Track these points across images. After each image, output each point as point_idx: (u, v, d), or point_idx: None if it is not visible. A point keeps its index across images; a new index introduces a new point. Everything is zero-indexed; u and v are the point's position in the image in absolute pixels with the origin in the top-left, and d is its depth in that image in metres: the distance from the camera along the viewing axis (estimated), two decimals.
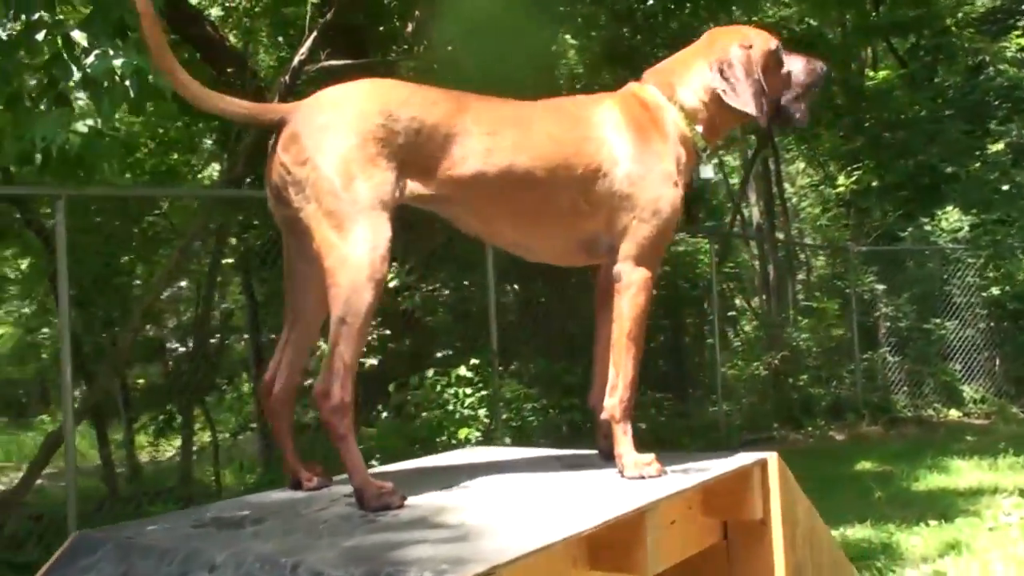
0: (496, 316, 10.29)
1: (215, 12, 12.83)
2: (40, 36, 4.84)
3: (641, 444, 2.77)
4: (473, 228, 2.83)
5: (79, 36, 4.81)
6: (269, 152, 2.57)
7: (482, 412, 10.67)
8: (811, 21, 15.78)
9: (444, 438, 9.69)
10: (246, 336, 12.75)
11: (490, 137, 2.64)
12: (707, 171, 3.57)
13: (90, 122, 4.90)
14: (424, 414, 10.18)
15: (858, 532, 6.44)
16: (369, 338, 11.74)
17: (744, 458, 2.90)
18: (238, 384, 13.63)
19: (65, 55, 4.81)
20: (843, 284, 14.42)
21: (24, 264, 10.91)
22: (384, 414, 11.04)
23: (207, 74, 10.67)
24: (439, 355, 11.17)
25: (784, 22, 14.87)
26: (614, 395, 2.76)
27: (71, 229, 10.85)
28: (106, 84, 4.70)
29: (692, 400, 11.97)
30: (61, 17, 5.17)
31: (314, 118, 2.50)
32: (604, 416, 2.78)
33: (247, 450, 12.35)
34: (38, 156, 4.75)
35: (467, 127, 2.62)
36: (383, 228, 2.43)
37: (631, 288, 2.78)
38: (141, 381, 13.46)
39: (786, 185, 19.70)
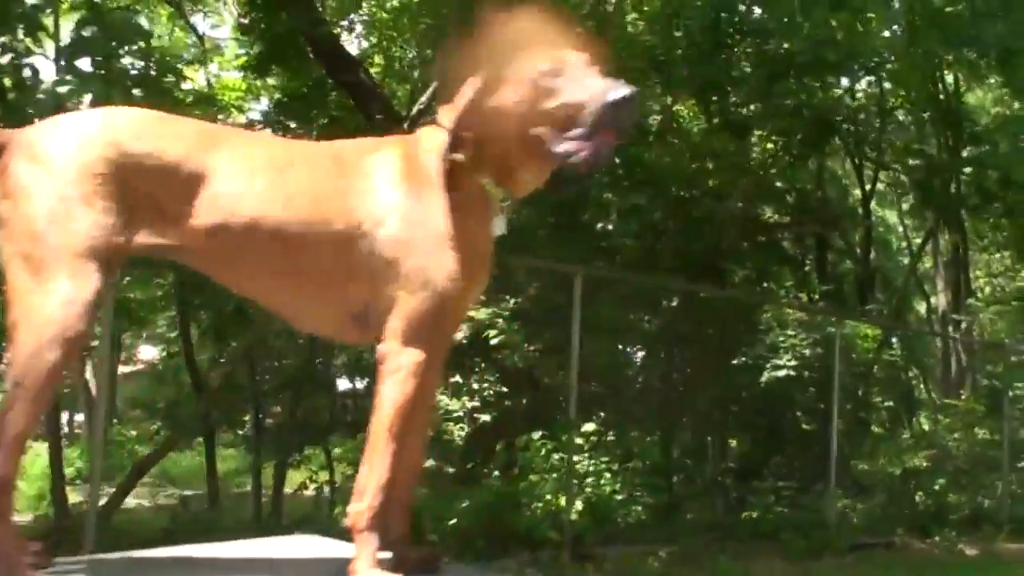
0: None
1: (378, 60, 13.13)
2: (5, 60, 4.89)
3: (734, 536, 2.37)
4: (232, 287, 2.51)
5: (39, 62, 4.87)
6: None
7: (588, 480, 10.36)
8: None
9: (540, 504, 9.37)
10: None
11: (241, 181, 2.31)
12: (499, 226, 3.08)
13: None
14: (532, 477, 9.90)
15: None
16: (484, 393, 11.71)
17: None
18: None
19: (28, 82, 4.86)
20: (998, 384, 13.34)
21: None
22: (495, 472, 10.90)
23: (358, 120, 10.90)
24: (559, 417, 10.93)
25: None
26: (362, 499, 2.33)
27: None
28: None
29: (814, 492, 11.20)
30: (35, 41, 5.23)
31: (28, 147, 2.22)
32: (347, 523, 2.35)
33: None
34: None
35: (215, 167, 2.30)
36: (88, 280, 2.13)
37: (398, 373, 2.35)
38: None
39: (978, 273, 18.56)
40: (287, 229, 2.33)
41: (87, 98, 4.75)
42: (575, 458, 9.85)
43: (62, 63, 4.87)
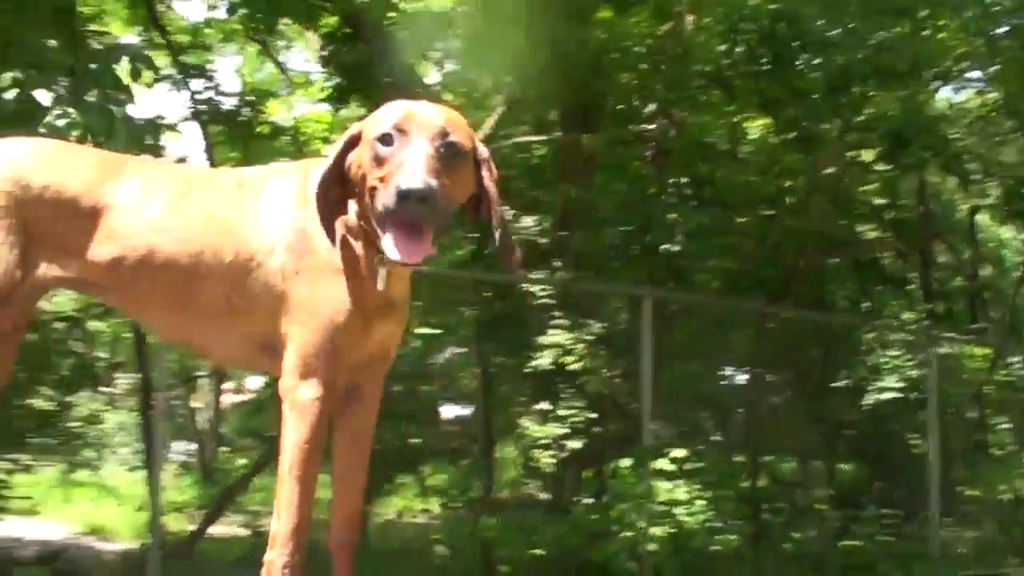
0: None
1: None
2: (11, 95, 4.90)
3: (827, 568, 2.14)
4: (138, 320, 2.48)
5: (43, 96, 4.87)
6: None
7: (678, 510, 10.09)
8: None
9: (631, 534, 9.11)
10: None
11: (138, 212, 2.24)
12: (379, 280, 2.92)
13: None
14: (623, 505, 9.67)
15: None
16: (575, 420, 11.56)
17: None
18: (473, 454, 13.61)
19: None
20: None
21: None
22: (589, 500, 10.73)
23: None
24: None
25: None
26: (273, 548, 2.22)
27: None
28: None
29: (919, 521, 10.69)
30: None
31: None
32: (263, 573, 2.24)
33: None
34: None
35: (115, 200, 2.25)
36: None
37: (294, 411, 2.24)
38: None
39: None
40: (179, 262, 2.26)
41: None
42: (665, 485, 9.63)
43: (62, 94, 4.90)
